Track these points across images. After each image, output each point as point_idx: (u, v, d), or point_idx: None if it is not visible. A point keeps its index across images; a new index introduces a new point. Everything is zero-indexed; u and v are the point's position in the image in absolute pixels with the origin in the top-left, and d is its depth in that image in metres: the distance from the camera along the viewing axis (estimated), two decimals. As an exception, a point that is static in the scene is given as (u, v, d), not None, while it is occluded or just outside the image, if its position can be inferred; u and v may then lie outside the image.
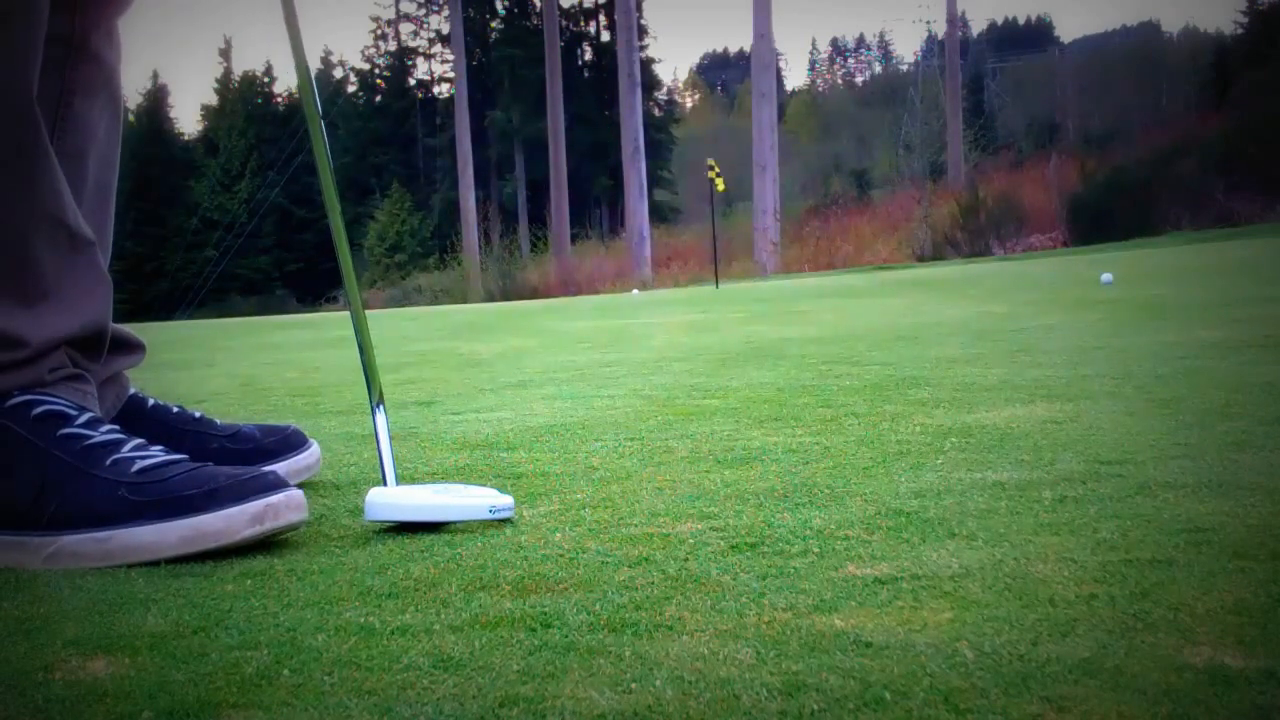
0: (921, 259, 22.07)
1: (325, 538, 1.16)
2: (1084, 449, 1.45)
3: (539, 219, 32.47)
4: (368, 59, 44.32)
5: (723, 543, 1.05)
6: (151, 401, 1.44)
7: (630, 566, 0.98)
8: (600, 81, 39.29)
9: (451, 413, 2.28)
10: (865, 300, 6.90)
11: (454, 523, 1.19)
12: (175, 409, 1.45)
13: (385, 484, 1.21)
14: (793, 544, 1.03)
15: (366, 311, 1.35)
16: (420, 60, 44.49)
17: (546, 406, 2.30)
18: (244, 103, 40.88)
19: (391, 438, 1.28)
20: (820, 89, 75.87)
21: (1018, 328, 3.77)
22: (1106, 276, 6.55)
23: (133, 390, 1.44)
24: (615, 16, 29.27)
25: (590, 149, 37.16)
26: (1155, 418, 1.68)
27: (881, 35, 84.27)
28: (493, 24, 41.60)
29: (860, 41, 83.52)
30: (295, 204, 37.38)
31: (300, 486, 1.38)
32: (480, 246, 27.10)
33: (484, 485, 1.31)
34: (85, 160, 1.29)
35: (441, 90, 42.62)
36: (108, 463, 1.13)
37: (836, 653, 0.74)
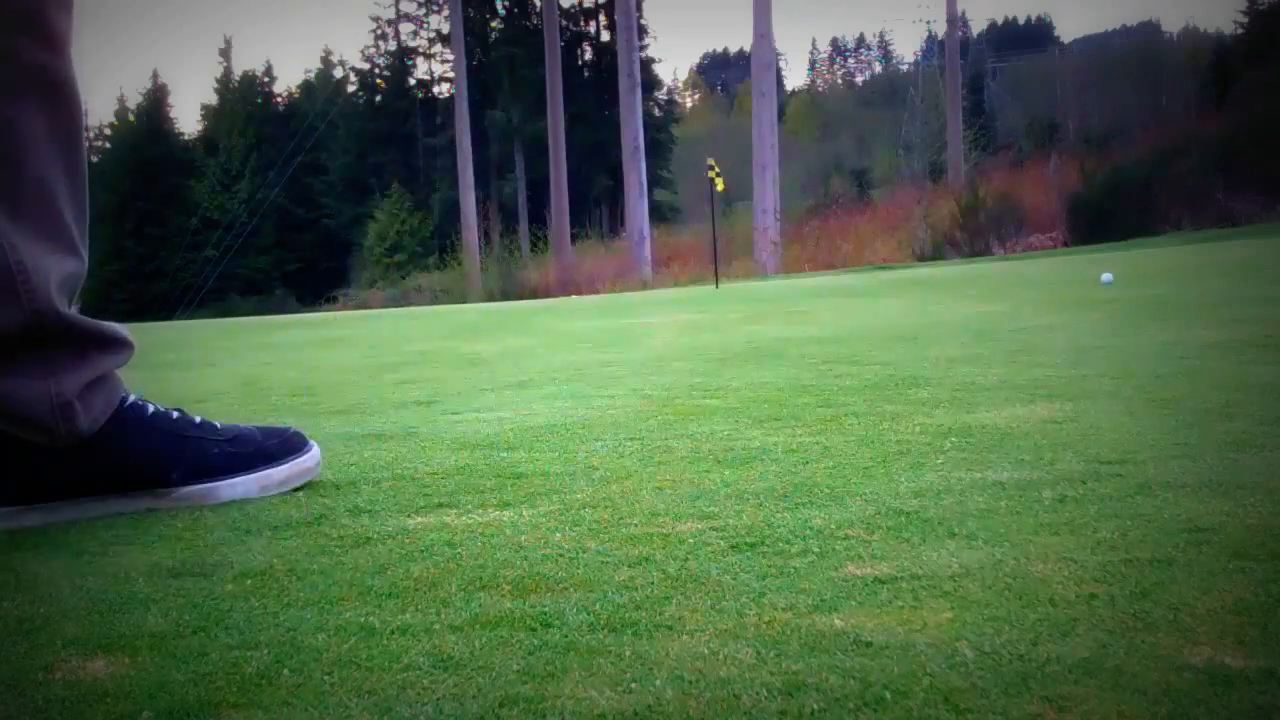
0: (921, 259, 22.03)
1: (325, 538, 1.16)
2: (1084, 449, 1.45)
3: (539, 219, 32.43)
4: (368, 59, 44.14)
5: (723, 543, 1.05)
6: (151, 408, 1.43)
7: (630, 566, 0.98)
8: (600, 81, 39.25)
9: (451, 412, 2.28)
10: (865, 300, 6.90)
11: None
12: (175, 414, 1.44)
13: None
14: (793, 544, 1.04)
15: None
16: (420, 60, 44.43)
17: (546, 406, 2.29)
18: (244, 103, 40.87)
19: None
20: (820, 89, 75.94)
21: (1018, 328, 3.77)
22: (1106, 276, 6.54)
23: (133, 398, 1.43)
24: (615, 16, 29.24)
25: (590, 149, 37.13)
26: (1155, 418, 1.68)
27: (881, 35, 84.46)
28: (493, 24, 41.53)
29: (860, 41, 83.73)
30: (295, 204, 37.38)
31: (300, 489, 1.40)
32: (480, 246, 27.08)
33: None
34: (20, 166, 1.25)
35: (441, 90, 42.55)
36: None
37: (836, 653, 0.74)
